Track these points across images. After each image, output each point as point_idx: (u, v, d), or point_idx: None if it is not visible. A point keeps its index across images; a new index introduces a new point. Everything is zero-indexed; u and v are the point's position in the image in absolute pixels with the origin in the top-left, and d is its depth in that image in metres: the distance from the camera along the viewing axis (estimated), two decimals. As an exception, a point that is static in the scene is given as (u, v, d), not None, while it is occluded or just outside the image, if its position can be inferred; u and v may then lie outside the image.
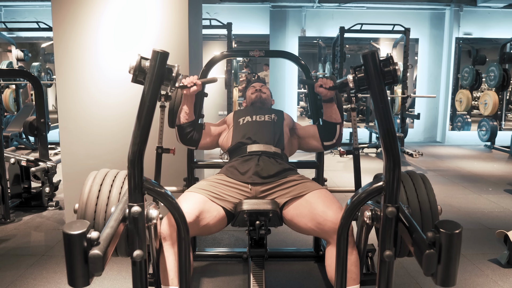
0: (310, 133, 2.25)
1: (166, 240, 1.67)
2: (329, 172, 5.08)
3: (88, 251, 1.07)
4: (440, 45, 7.93)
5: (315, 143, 2.23)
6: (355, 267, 1.63)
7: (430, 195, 1.68)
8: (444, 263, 1.13)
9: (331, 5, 7.78)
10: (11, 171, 3.51)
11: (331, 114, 2.13)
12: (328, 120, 2.14)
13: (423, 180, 1.74)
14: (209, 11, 7.56)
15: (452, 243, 1.12)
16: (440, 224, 1.15)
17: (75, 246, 1.04)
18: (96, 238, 1.09)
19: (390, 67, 1.28)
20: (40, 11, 7.78)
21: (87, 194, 1.67)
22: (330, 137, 2.17)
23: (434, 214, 1.65)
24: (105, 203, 1.65)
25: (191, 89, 2.00)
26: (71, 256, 1.05)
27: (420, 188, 1.70)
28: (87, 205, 1.65)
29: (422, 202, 1.65)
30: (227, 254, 2.65)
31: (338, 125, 2.14)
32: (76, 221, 1.09)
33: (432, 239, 1.15)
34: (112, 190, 1.69)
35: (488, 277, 2.39)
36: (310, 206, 1.78)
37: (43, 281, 2.31)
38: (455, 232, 1.12)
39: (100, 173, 1.77)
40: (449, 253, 1.12)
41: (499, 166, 5.67)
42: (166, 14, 2.92)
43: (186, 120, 2.13)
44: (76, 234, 1.04)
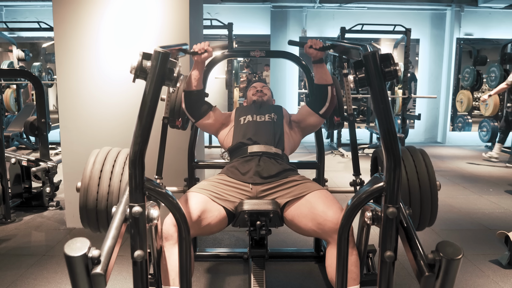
0: (306, 112, 2.24)
1: (167, 240, 1.67)
2: (329, 173, 5.08)
3: (90, 271, 1.10)
4: (441, 46, 7.93)
5: (313, 118, 2.22)
6: (355, 267, 1.63)
7: (430, 170, 1.69)
8: (440, 285, 1.17)
9: (332, 5, 7.78)
10: (12, 171, 3.51)
11: (322, 75, 2.12)
12: (319, 82, 2.13)
13: (423, 155, 1.75)
14: (210, 11, 7.57)
15: (452, 269, 1.15)
16: (441, 246, 1.17)
17: (77, 268, 1.07)
18: (97, 256, 1.12)
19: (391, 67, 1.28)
20: (41, 11, 7.79)
21: (90, 169, 1.68)
22: (323, 102, 2.15)
23: (433, 189, 1.65)
24: (109, 177, 1.66)
25: (202, 55, 2.00)
26: (74, 276, 1.08)
27: (420, 163, 1.70)
28: (90, 180, 1.66)
29: (421, 178, 1.65)
30: (227, 255, 2.65)
31: (329, 86, 2.13)
32: (76, 240, 1.10)
33: (432, 261, 1.18)
34: (115, 166, 1.70)
35: (489, 278, 2.39)
36: (310, 206, 1.78)
37: (44, 281, 2.31)
38: (456, 258, 1.14)
39: (102, 150, 1.79)
40: (447, 277, 1.16)
41: (500, 167, 5.66)
42: (167, 14, 2.92)
43: (194, 87, 2.10)
44: (77, 256, 1.06)
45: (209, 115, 2.20)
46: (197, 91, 2.12)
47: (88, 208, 1.77)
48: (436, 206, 1.86)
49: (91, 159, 1.83)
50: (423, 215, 1.86)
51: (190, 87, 2.10)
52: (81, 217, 1.81)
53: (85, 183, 1.76)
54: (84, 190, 1.76)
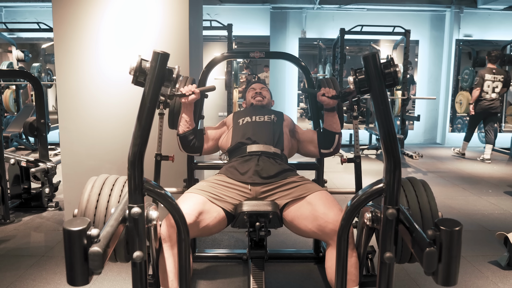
0: (309, 138, 2.25)
1: (166, 242, 1.67)
2: (329, 174, 5.08)
3: (88, 248, 1.06)
4: (440, 47, 7.94)
5: (312, 148, 2.24)
6: (355, 268, 1.63)
7: (432, 202, 1.68)
8: (445, 261, 1.12)
9: (331, 7, 7.78)
10: (11, 172, 3.51)
11: (332, 124, 2.13)
12: (328, 129, 2.15)
13: (424, 186, 1.74)
14: (210, 12, 7.57)
15: (453, 241, 1.11)
16: (440, 222, 1.15)
17: (75, 243, 1.04)
18: (96, 235, 1.09)
19: (391, 68, 1.28)
20: (41, 11, 7.79)
21: (86, 199, 1.67)
22: (328, 146, 2.18)
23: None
24: (105, 209, 1.65)
25: (189, 97, 2.00)
26: (71, 253, 1.04)
27: (421, 195, 1.69)
28: (86, 210, 1.64)
29: (424, 210, 1.65)
30: (227, 256, 2.65)
31: (337, 135, 2.15)
32: (77, 218, 1.09)
33: (432, 237, 1.15)
34: (112, 196, 1.68)
35: (488, 279, 2.39)
36: (311, 208, 1.78)
37: (43, 282, 2.31)
38: (455, 229, 1.11)
39: (99, 179, 1.77)
40: (449, 251, 1.12)
41: (499, 168, 5.66)
42: (166, 15, 2.92)
43: (187, 128, 2.12)
44: (76, 230, 1.04)
45: (206, 140, 2.23)
46: (192, 130, 2.14)
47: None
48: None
49: (88, 186, 1.78)
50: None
51: (184, 130, 2.13)
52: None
53: (81, 212, 1.72)
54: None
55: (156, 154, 2.25)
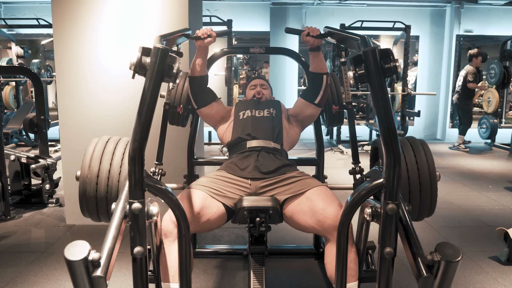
0: (301, 104, 2.25)
1: (167, 237, 1.67)
2: (329, 170, 5.08)
3: (90, 274, 1.11)
4: (440, 43, 7.92)
5: (309, 109, 2.23)
6: (354, 264, 1.64)
7: (429, 161, 1.69)
8: (438, 286, 1.18)
9: (331, 2, 7.76)
10: (11, 168, 3.51)
11: (318, 64, 2.12)
12: (314, 70, 2.14)
13: (423, 146, 1.74)
14: (209, 8, 7.55)
15: (450, 271, 1.16)
16: (441, 247, 1.17)
17: (77, 272, 1.09)
18: (97, 259, 1.12)
19: (391, 63, 1.28)
20: (40, 8, 7.77)
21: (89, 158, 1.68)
22: (317, 91, 2.16)
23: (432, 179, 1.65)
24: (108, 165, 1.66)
25: (205, 40, 1.99)
26: (75, 280, 1.10)
27: (420, 154, 1.70)
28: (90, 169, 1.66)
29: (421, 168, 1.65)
30: (227, 251, 2.66)
31: (325, 75, 2.14)
32: (76, 243, 1.11)
33: (431, 262, 1.19)
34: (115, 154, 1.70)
35: (488, 275, 2.39)
36: (310, 203, 1.78)
37: (43, 277, 2.31)
38: (454, 260, 1.15)
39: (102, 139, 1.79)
40: (445, 278, 1.17)
41: (499, 164, 5.67)
42: (166, 11, 2.92)
43: (198, 72, 2.11)
44: (77, 260, 1.07)
45: (212, 105, 2.21)
46: (201, 77, 2.12)
47: (88, 195, 1.76)
48: (436, 197, 1.86)
49: (91, 147, 1.82)
50: (422, 205, 1.86)
51: (194, 73, 2.11)
52: (81, 206, 1.81)
53: (84, 171, 1.75)
54: (84, 178, 1.75)
55: (165, 103, 2.21)
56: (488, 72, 7.02)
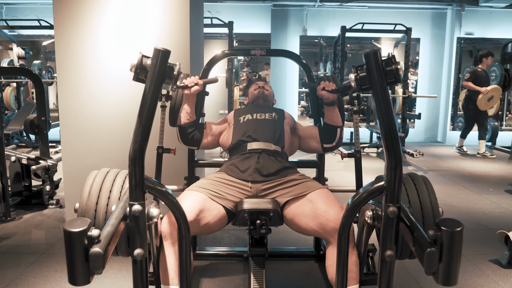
0: (311, 134, 2.25)
1: (167, 239, 1.67)
2: (329, 172, 5.08)
3: (88, 249, 1.07)
4: (441, 45, 7.92)
5: (315, 144, 2.24)
6: (355, 266, 1.63)
7: (432, 198, 1.68)
8: (445, 261, 1.12)
9: (332, 4, 7.77)
10: (12, 169, 3.51)
11: (333, 118, 2.13)
12: (329, 123, 2.15)
13: (425, 182, 1.74)
14: (211, 10, 7.56)
15: (454, 241, 1.12)
16: (441, 222, 1.15)
17: (75, 244, 1.05)
18: (97, 236, 1.10)
19: (392, 66, 1.28)
20: (42, 8, 7.79)
21: (87, 193, 1.67)
22: (330, 140, 2.18)
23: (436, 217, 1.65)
24: (106, 202, 1.65)
25: (192, 89, 2.01)
26: (72, 254, 1.05)
27: (422, 190, 1.69)
28: (87, 205, 1.64)
29: (424, 205, 1.65)
30: (227, 253, 2.65)
31: (339, 128, 2.14)
32: (77, 218, 1.09)
33: (433, 237, 1.15)
34: (113, 190, 1.68)
35: (488, 278, 2.39)
36: (311, 206, 1.78)
37: (44, 279, 2.31)
38: (456, 230, 1.11)
39: (100, 173, 1.77)
40: (450, 251, 1.12)
41: (500, 167, 5.66)
42: (167, 13, 2.92)
43: (187, 120, 2.13)
44: (76, 231, 1.04)
45: (206, 134, 2.23)
46: (191, 123, 2.14)
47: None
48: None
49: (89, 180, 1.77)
50: None
51: (184, 122, 2.13)
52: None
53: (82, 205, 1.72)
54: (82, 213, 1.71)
55: (158, 147, 2.25)
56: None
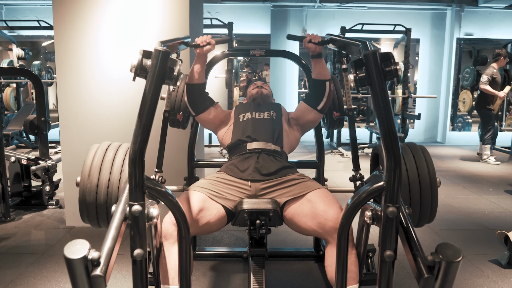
0: (303, 109, 2.25)
1: (167, 239, 1.67)
2: (329, 172, 5.08)
3: (90, 272, 1.10)
4: (441, 46, 7.93)
5: (311, 114, 2.22)
6: (355, 266, 1.63)
7: (430, 167, 1.69)
8: (440, 285, 1.17)
9: (332, 5, 7.77)
10: (12, 170, 3.51)
11: (320, 70, 2.12)
12: (317, 77, 2.13)
13: (423, 152, 1.75)
14: (210, 11, 7.56)
15: (451, 271, 1.15)
16: (441, 248, 1.17)
17: (76, 270, 1.08)
18: (96, 258, 1.12)
19: (391, 66, 1.28)
20: (41, 9, 7.79)
21: (89, 165, 1.69)
22: (320, 96, 2.15)
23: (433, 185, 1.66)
24: (108, 174, 1.66)
25: (204, 48, 2.00)
26: (74, 278, 1.09)
27: (420, 160, 1.70)
28: (89, 177, 1.66)
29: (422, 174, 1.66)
30: (227, 254, 2.65)
31: (327, 81, 2.13)
32: (76, 242, 1.11)
33: (431, 263, 1.19)
34: (115, 162, 1.70)
35: (488, 278, 2.39)
36: (311, 206, 1.78)
37: (43, 279, 2.31)
38: (455, 261, 1.14)
39: (102, 145, 1.79)
40: (446, 278, 1.16)
41: (500, 167, 5.66)
42: (167, 13, 2.92)
43: (196, 80, 2.10)
44: (77, 259, 1.07)
45: (210, 110, 2.20)
46: (199, 85, 2.12)
47: (88, 202, 1.77)
48: (436, 203, 1.86)
49: (91, 153, 1.82)
50: (423, 211, 1.86)
51: (192, 80, 2.11)
52: (81, 212, 1.81)
53: (84, 177, 1.75)
54: (84, 184, 1.75)
55: (164, 111, 2.20)
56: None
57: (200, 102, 2.16)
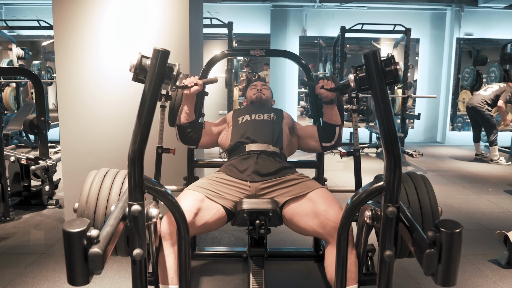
0: (310, 133, 2.25)
1: (166, 239, 1.67)
2: (329, 172, 5.08)
3: (87, 249, 1.07)
4: (441, 46, 7.93)
5: (314, 143, 2.24)
6: (354, 266, 1.64)
7: (431, 196, 1.68)
8: (444, 262, 1.13)
9: (332, 5, 7.77)
10: (11, 169, 3.51)
11: (331, 116, 2.13)
12: (328, 121, 2.14)
13: (424, 181, 1.74)
14: (210, 10, 7.56)
15: (453, 243, 1.12)
16: (441, 223, 1.15)
17: (75, 244, 1.04)
18: (96, 236, 1.10)
19: (392, 66, 1.28)
20: (41, 9, 7.78)
21: (87, 193, 1.67)
22: (329, 139, 2.17)
23: (435, 215, 1.65)
24: (105, 202, 1.65)
25: (191, 89, 2.00)
26: (71, 254, 1.05)
27: (421, 189, 1.70)
28: (87, 204, 1.65)
29: (423, 204, 1.65)
30: (226, 253, 2.65)
31: (338, 127, 2.14)
32: (76, 219, 1.09)
33: (432, 239, 1.15)
34: (112, 189, 1.68)
35: (488, 278, 2.39)
36: (311, 205, 1.78)
37: (43, 279, 2.31)
38: (455, 231, 1.12)
39: (100, 173, 1.77)
40: (449, 252, 1.12)
41: (499, 167, 5.66)
42: (167, 13, 2.92)
43: (186, 120, 2.13)
44: (76, 232, 1.04)
45: (204, 134, 2.23)
46: (189, 123, 2.14)
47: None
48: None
49: (89, 180, 1.77)
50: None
51: (183, 121, 2.13)
52: None
53: (82, 205, 1.72)
54: (81, 212, 1.72)
55: (157, 147, 2.24)
56: (488, 75, 7.03)
57: (194, 135, 2.19)
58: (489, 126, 5.86)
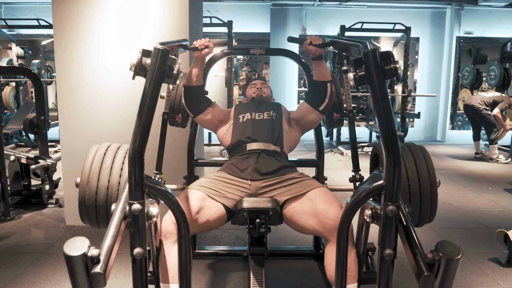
0: (304, 109, 2.25)
1: (167, 238, 1.67)
2: (329, 171, 5.08)
3: (89, 270, 1.10)
4: (440, 44, 7.93)
5: (312, 115, 2.22)
6: (354, 265, 1.64)
7: (429, 167, 1.69)
8: (439, 283, 1.16)
9: (331, 4, 7.77)
10: (11, 169, 3.51)
11: (322, 72, 2.12)
12: (318, 79, 2.13)
13: (422, 152, 1.75)
14: (210, 9, 7.55)
15: (451, 269, 1.14)
16: (441, 246, 1.16)
17: (76, 268, 1.07)
18: (96, 256, 1.12)
19: (391, 65, 1.28)
20: (41, 8, 7.78)
21: (89, 167, 1.68)
22: (322, 98, 2.15)
23: (432, 186, 1.66)
24: (107, 176, 1.66)
25: (202, 51, 1.99)
26: (74, 276, 1.08)
27: (420, 160, 1.70)
28: (89, 176, 1.65)
29: (421, 174, 1.66)
30: (227, 252, 2.65)
31: (329, 83, 2.13)
32: (76, 239, 1.10)
33: (431, 261, 1.18)
34: (114, 163, 1.70)
35: (488, 276, 2.39)
36: (311, 204, 1.78)
37: (43, 278, 2.31)
38: (455, 258, 1.14)
39: (102, 146, 1.79)
40: (445, 276, 1.15)
41: (499, 166, 5.66)
42: (166, 12, 2.92)
43: (194, 82, 2.10)
44: (76, 256, 1.06)
45: (208, 111, 2.21)
46: (197, 87, 2.12)
47: (87, 203, 1.77)
48: (436, 203, 1.87)
49: (91, 154, 1.83)
50: (423, 211, 1.87)
51: (190, 83, 2.11)
52: (80, 213, 1.81)
53: (84, 179, 1.76)
54: (83, 186, 1.75)
55: (163, 113, 2.20)
56: (488, 74, 7.03)
57: (198, 104, 2.17)
58: (489, 125, 5.86)
